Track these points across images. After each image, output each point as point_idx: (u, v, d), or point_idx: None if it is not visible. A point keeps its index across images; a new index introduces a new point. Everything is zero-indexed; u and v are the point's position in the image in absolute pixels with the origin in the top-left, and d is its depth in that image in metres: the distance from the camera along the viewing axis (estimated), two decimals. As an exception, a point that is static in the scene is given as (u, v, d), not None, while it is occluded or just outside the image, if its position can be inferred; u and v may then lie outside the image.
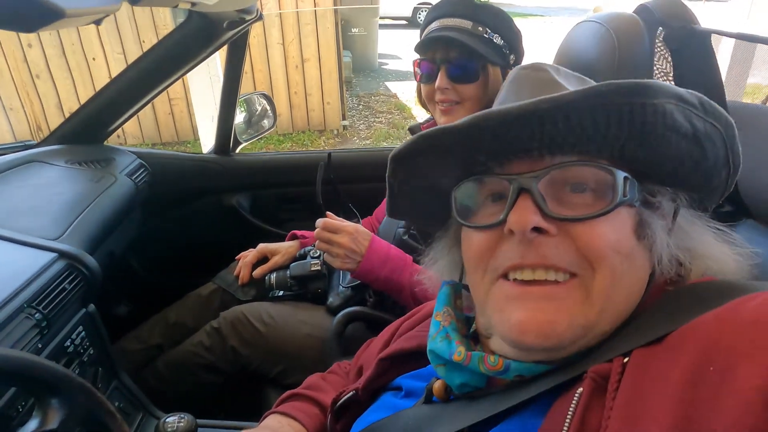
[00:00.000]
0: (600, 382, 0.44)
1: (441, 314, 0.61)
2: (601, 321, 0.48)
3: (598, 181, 0.49)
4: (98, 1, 0.68)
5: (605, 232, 0.48)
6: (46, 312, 0.88)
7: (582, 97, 0.45)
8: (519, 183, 0.49)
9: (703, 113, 0.47)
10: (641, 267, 0.50)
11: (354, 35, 8.62)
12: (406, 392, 0.66)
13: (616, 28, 1.13)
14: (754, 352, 0.36)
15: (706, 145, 0.49)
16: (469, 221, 0.55)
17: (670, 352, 0.42)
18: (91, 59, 5.29)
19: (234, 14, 1.29)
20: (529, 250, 0.49)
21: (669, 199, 0.52)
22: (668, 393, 0.38)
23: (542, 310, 0.48)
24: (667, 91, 0.45)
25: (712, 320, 0.41)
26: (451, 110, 1.23)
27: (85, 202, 1.25)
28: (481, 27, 1.18)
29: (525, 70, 0.59)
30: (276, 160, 1.90)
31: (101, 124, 1.57)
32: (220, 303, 1.51)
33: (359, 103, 7.37)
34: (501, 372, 0.51)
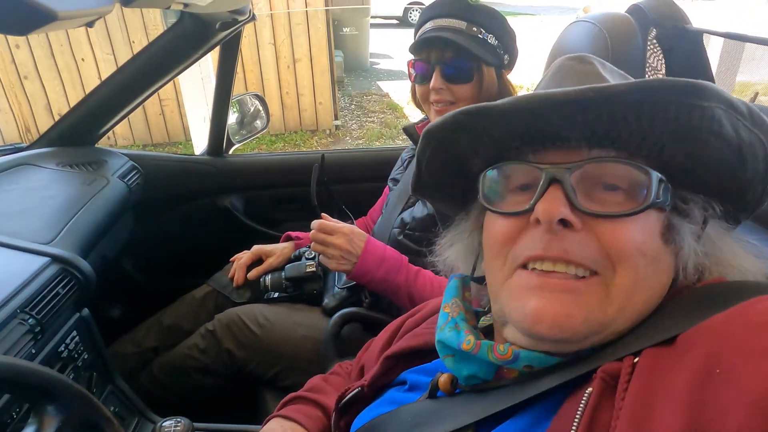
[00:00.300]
0: (610, 382, 0.43)
1: (449, 305, 0.61)
2: (618, 319, 0.48)
3: (632, 180, 0.48)
4: (91, 3, 0.67)
5: (631, 232, 0.47)
6: (39, 317, 0.87)
7: (632, 89, 0.44)
8: (551, 173, 0.48)
9: (750, 123, 0.45)
10: (665, 270, 0.50)
11: (345, 35, 8.61)
12: (410, 386, 0.65)
13: (609, 28, 1.14)
14: (760, 355, 0.36)
15: (748, 157, 0.47)
16: (495, 206, 0.54)
17: (680, 353, 0.41)
18: (80, 60, 5.24)
19: (226, 15, 1.28)
20: (552, 242, 0.48)
21: (701, 207, 0.51)
22: (676, 395, 0.38)
23: (560, 301, 0.47)
24: (719, 96, 0.44)
25: (720, 322, 0.41)
26: (446, 110, 1.23)
27: (78, 205, 1.23)
28: (475, 27, 1.18)
29: (571, 60, 0.58)
30: (269, 161, 1.90)
31: (92, 126, 1.55)
32: (214, 305, 1.51)
33: (351, 103, 7.36)
34: (510, 361, 0.51)
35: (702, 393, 0.37)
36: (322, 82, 5.86)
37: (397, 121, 6.47)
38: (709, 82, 0.43)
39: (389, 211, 1.42)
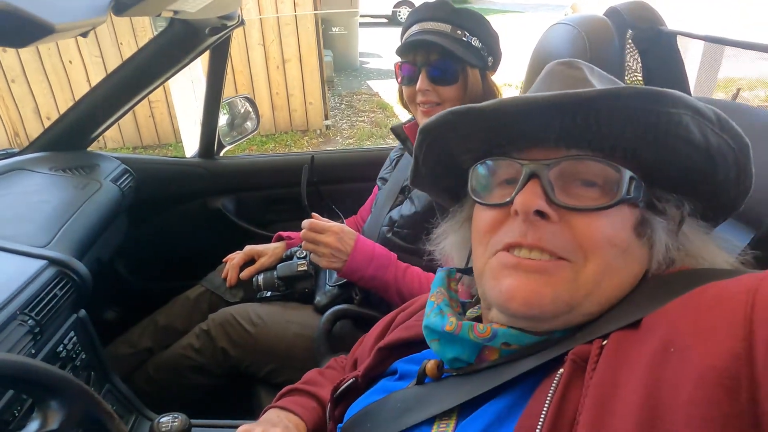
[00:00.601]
0: (580, 363, 0.47)
1: (435, 294, 0.65)
2: (586, 302, 0.51)
3: (606, 177, 0.52)
4: (85, 14, 0.70)
5: (603, 226, 0.51)
6: (38, 318, 0.89)
7: (601, 96, 0.47)
8: (531, 168, 0.52)
9: (719, 129, 0.48)
10: (636, 262, 0.53)
11: (334, 35, 8.62)
12: (400, 375, 0.69)
13: (587, 31, 1.17)
14: (708, 334, 0.39)
15: (718, 161, 0.50)
16: (481, 199, 0.58)
17: (643, 335, 0.45)
18: (68, 62, 5.21)
19: (216, 21, 1.30)
20: (529, 231, 0.52)
21: (674, 205, 0.54)
22: (637, 374, 0.41)
23: (531, 280, 0.51)
24: (685, 103, 0.47)
25: (677, 306, 0.44)
26: (432, 111, 1.27)
27: (71, 209, 1.25)
28: (459, 30, 1.22)
29: (561, 65, 0.61)
30: (260, 162, 1.92)
31: (84, 130, 1.57)
32: (208, 305, 1.53)
33: (341, 103, 7.38)
34: (489, 339, 0.54)
35: (659, 370, 0.40)
36: (312, 82, 5.87)
37: (387, 120, 6.50)
38: (675, 91, 0.47)
39: (378, 209, 1.45)
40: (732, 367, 0.36)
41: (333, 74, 8.08)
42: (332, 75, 7.97)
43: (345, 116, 6.82)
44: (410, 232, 1.30)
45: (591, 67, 0.61)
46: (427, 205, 1.25)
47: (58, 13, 0.63)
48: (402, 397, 0.62)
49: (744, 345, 0.36)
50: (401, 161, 1.50)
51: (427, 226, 1.25)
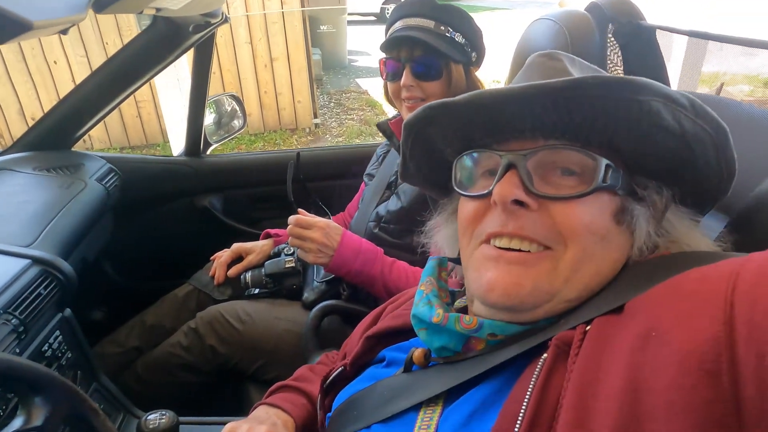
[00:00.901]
0: (563, 348, 0.47)
1: (425, 284, 0.66)
2: (565, 289, 0.52)
3: (583, 166, 0.52)
4: (64, 11, 0.70)
5: (580, 213, 0.51)
6: (22, 317, 0.89)
7: (568, 86, 0.47)
8: (508, 159, 0.53)
9: (693, 114, 0.48)
10: (616, 248, 0.54)
11: (323, 32, 8.60)
12: (387, 362, 0.69)
13: (569, 26, 1.19)
14: (689, 319, 0.39)
15: (695, 147, 0.51)
16: (465, 190, 0.59)
17: (626, 320, 0.45)
18: (53, 63, 5.15)
19: (199, 18, 1.30)
20: (509, 220, 0.53)
21: (654, 192, 0.54)
22: (620, 358, 0.42)
23: (511, 273, 0.52)
24: (654, 89, 0.47)
25: (659, 291, 0.45)
26: (417, 107, 1.25)
27: (56, 209, 1.25)
28: (443, 26, 1.23)
29: (541, 57, 0.62)
30: (247, 160, 1.92)
31: (68, 129, 1.56)
32: (196, 303, 1.53)
33: (330, 101, 7.36)
34: (475, 330, 0.55)
35: (640, 354, 0.41)
36: (301, 80, 5.85)
37: (377, 118, 6.43)
38: (642, 78, 0.46)
39: (365, 205, 1.46)
40: (712, 351, 0.36)
41: (322, 72, 8.06)
42: (321, 73, 7.95)
43: (334, 114, 6.81)
44: (397, 227, 1.31)
45: (572, 58, 0.62)
46: (413, 200, 1.26)
47: (37, 10, 0.63)
48: (389, 385, 0.63)
49: (725, 328, 0.36)
50: (387, 157, 1.51)
51: (414, 221, 1.26)
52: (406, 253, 1.29)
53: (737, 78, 7.47)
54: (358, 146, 1.99)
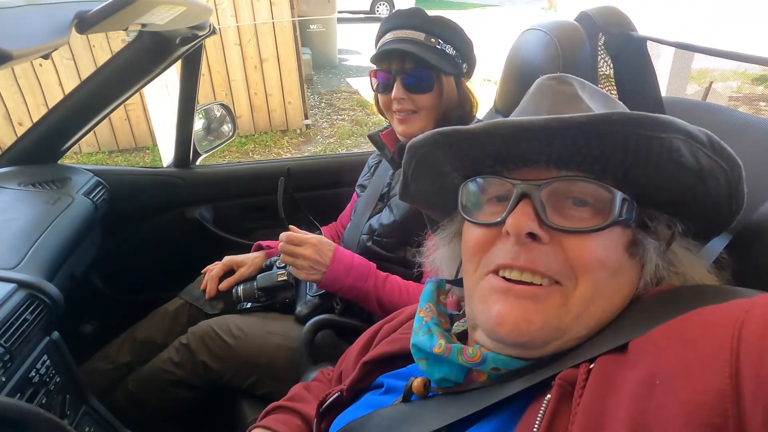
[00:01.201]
0: (567, 388, 0.46)
1: (424, 310, 0.65)
2: (576, 326, 0.51)
3: (598, 198, 0.51)
4: (45, 38, 0.68)
5: (595, 247, 0.50)
6: (8, 345, 0.87)
7: (592, 121, 0.47)
8: (522, 188, 0.52)
9: (711, 151, 0.48)
10: (627, 283, 0.53)
11: (312, 32, 8.56)
12: (386, 389, 0.68)
13: (559, 36, 1.18)
14: (694, 369, 0.39)
15: (710, 182, 0.50)
16: (472, 217, 0.58)
17: (629, 361, 0.45)
18: (38, 65, 5.08)
19: (186, 31, 1.28)
20: (521, 252, 0.51)
21: (665, 225, 0.54)
22: (624, 403, 0.41)
23: (521, 307, 0.51)
24: (676, 127, 0.46)
25: (663, 333, 0.44)
26: (408, 119, 1.27)
27: (42, 227, 1.22)
28: (433, 38, 1.22)
29: (550, 81, 0.60)
30: (237, 170, 1.90)
31: (54, 143, 1.53)
32: (188, 318, 1.51)
33: (321, 101, 7.33)
34: (478, 363, 0.54)
35: (645, 403, 0.40)
36: (291, 81, 5.82)
37: (368, 119, 6.48)
38: (667, 116, 0.46)
39: (357, 217, 1.45)
40: (719, 405, 0.36)
41: (312, 72, 8.03)
42: (311, 73, 7.91)
43: (325, 115, 6.78)
44: (390, 241, 1.30)
45: (582, 82, 0.61)
46: (406, 214, 1.25)
47: (17, 39, 0.61)
48: (387, 415, 0.62)
49: (730, 382, 0.36)
50: (379, 168, 1.50)
51: (407, 235, 1.26)
52: (400, 266, 1.29)
53: (726, 74, 7.53)
54: (348, 155, 1.98)
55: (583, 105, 0.57)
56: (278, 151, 5.61)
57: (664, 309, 0.48)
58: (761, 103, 6.45)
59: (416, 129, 1.27)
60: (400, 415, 0.60)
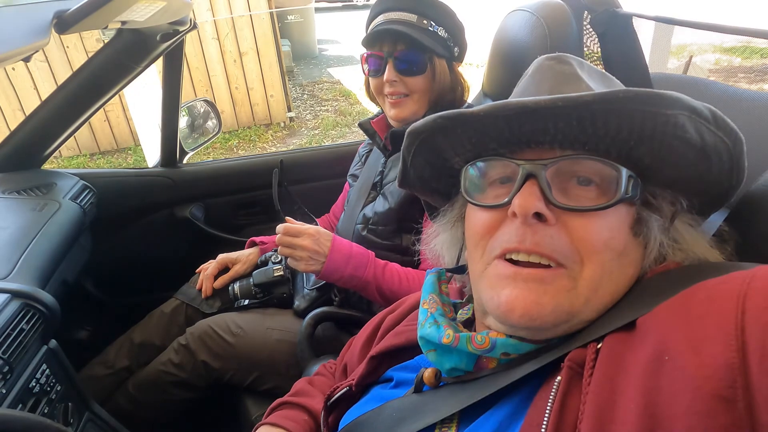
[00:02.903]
0: (577, 369, 0.47)
1: (427, 302, 0.64)
2: (585, 310, 0.51)
3: (603, 176, 0.51)
4: (25, 40, 0.66)
5: (600, 229, 0.50)
6: (6, 356, 0.85)
7: (598, 99, 0.46)
8: (527, 169, 0.51)
9: (714, 127, 0.48)
10: (632, 262, 0.53)
11: (290, 23, 8.45)
12: (396, 383, 0.68)
13: (546, 16, 1.18)
14: (702, 344, 0.39)
15: (713, 157, 0.51)
16: (475, 199, 0.57)
17: (636, 339, 0.45)
18: (11, 69, 4.95)
19: (167, 27, 1.25)
20: (527, 234, 0.51)
21: (669, 201, 0.54)
22: (634, 381, 0.42)
23: (530, 290, 0.50)
24: (681, 103, 0.46)
25: (668, 309, 0.45)
26: (401, 102, 1.25)
27: (31, 234, 1.20)
28: (425, 20, 1.20)
29: (549, 61, 0.60)
30: (225, 167, 1.87)
31: (37, 148, 1.50)
32: (185, 318, 1.50)
33: (303, 93, 7.26)
34: (488, 350, 0.54)
35: (655, 379, 0.40)
36: (272, 74, 5.75)
37: (351, 108, 6.44)
38: (672, 92, 0.46)
39: (351, 207, 1.44)
40: (727, 377, 0.36)
41: (292, 64, 7.94)
42: (291, 65, 7.83)
43: (308, 106, 6.72)
44: (385, 229, 1.30)
45: (580, 61, 0.60)
46: (400, 201, 1.25)
47: (-4, 42, 0.59)
48: (398, 406, 0.62)
49: (738, 355, 0.37)
50: (370, 156, 1.49)
51: (403, 221, 1.26)
52: (397, 254, 1.28)
53: (704, 47, 7.60)
54: (337, 146, 1.96)
55: (583, 84, 0.56)
56: (263, 145, 5.56)
57: (668, 287, 0.48)
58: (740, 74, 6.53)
59: (409, 113, 1.26)
60: (412, 405, 0.60)
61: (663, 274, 0.52)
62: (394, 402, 0.63)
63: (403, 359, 0.70)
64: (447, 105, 1.28)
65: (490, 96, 1.50)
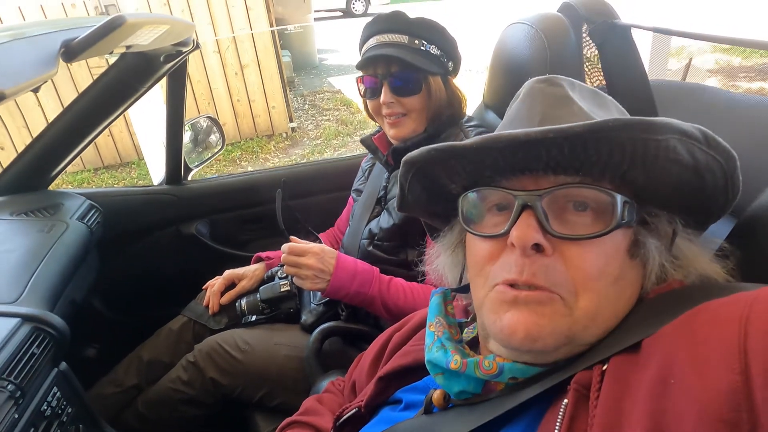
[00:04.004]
0: (583, 392, 0.47)
1: (434, 325, 0.65)
2: (585, 335, 0.52)
3: (599, 202, 0.52)
4: (34, 72, 0.67)
5: (597, 255, 0.51)
6: (18, 381, 0.86)
7: (589, 129, 0.47)
8: (523, 199, 0.52)
9: (705, 146, 0.49)
10: (630, 284, 0.54)
11: (290, 33, 8.52)
12: (405, 405, 0.68)
13: (545, 29, 1.19)
14: (706, 367, 0.40)
15: (706, 176, 0.51)
16: (474, 228, 0.58)
17: (641, 360, 0.45)
18: (16, 88, 4.99)
19: (170, 48, 1.27)
20: (525, 266, 0.51)
21: (665, 221, 0.55)
22: (640, 404, 0.42)
23: (531, 312, 0.51)
24: (671, 128, 0.47)
25: (672, 331, 0.45)
26: (399, 122, 1.27)
27: (39, 256, 1.21)
28: (417, 40, 1.22)
29: (540, 84, 0.61)
30: (230, 183, 1.89)
31: (44, 169, 1.52)
32: (193, 335, 1.51)
33: (305, 103, 7.30)
34: (495, 375, 0.54)
35: (661, 402, 0.41)
36: (273, 85, 5.79)
37: (353, 117, 6.47)
38: (662, 118, 0.47)
39: (356, 222, 1.45)
40: (731, 401, 0.37)
41: (293, 74, 7.99)
42: (292, 75, 7.88)
43: (310, 116, 6.76)
44: (390, 244, 1.30)
45: (571, 82, 0.61)
46: (405, 217, 1.25)
47: (7, 77, 0.60)
48: (408, 428, 0.62)
49: (741, 378, 0.37)
50: (374, 171, 1.50)
51: (407, 237, 1.26)
52: (402, 269, 1.29)
53: (704, 47, 7.61)
54: (340, 159, 1.97)
55: (575, 106, 0.57)
56: (266, 156, 5.59)
57: (672, 307, 0.48)
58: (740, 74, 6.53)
59: (407, 131, 1.28)
60: (421, 427, 0.61)
61: (666, 294, 0.53)
62: (404, 423, 0.63)
63: (410, 379, 0.71)
64: (446, 120, 1.29)
65: (491, 107, 1.51)
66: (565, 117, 0.55)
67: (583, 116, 0.55)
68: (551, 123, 0.52)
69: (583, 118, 0.55)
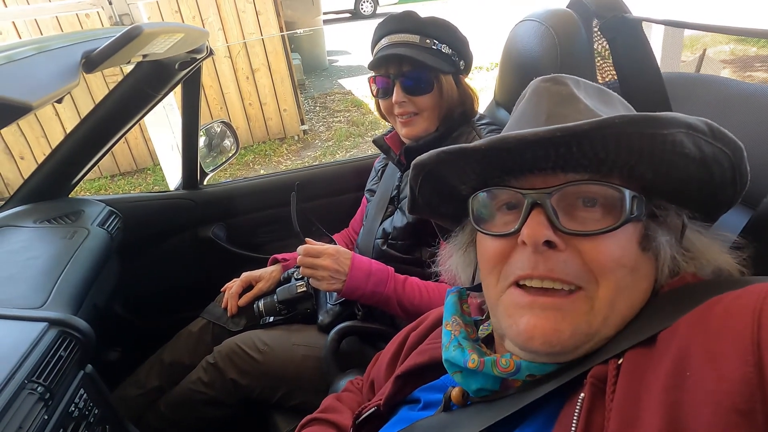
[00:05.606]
0: (599, 385, 0.48)
1: (450, 324, 0.66)
2: (604, 328, 0.52)
3: (607, 197, 0.52)
4: (58, 84, 0.69)
5: (611, 248, 0.51)
6: (47, 384, 0.89)
7: (596, 127, 0.48)
8: (533, 198, 0.53)
9: (711, 138, 0.49)
10: (645, 277, 0.54)
11: (300, 36, 8.58)
12: (424, 404, 0.69)
13: (555, 25, 1.19)
14: (720, 359, 0.40)
15: (714, 168, 0.52)
16: (485, 228, 0.59)
17: (656, 353, 0.46)
18: (34, 98, 5.10)
19: (185, 55, 1.29)
20: (539, 262, 0.52)
21: (674, 214, 0.55)
22: (656, 397, 0.43)
23: (548, 319, 0.52)
24: (677, 122, 0.48)
25: (686, 324, 0.46)
26: (411, 121, 1.28)
27: (63, 262, 1.24)
28: (428, 40, 1.23)
29: (545, 83, 0.61)
30: (245, 186, 1.92)
31: (64, 177, 1.55)
32: (212, 337, 1.53)
33: (316, 105, 7.34)
34: (513, 373, 0.55)
35: (677, 394, 0.41)
36: (284, 88, 5.84)
37: (364, 118, 6.49)
38: (668, 113, 0.47)
39: (370, 222, 1.46)
40: (745, 392, 0.37)
41: (303, 77, 8.04)
42: (303, 78, 7.92)
43: (321, 118, 6.79)
44: (405, 243, 1.31)
45: (576, 80, 0.62)
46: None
47: (33, 90, 0.63)
48: (427, 425, 0.63)
49: (755, 370, 0.38)
50: (387, 171, 1.51)
51: (421, 235, 1.27)
52: (417, 267, 1.30)
53: (718, 37, 7.49)
54: (352, 160, 1.99)
55: (581, 104, 0.57)
56: (278, 159, 5.63)
57: (686, 300, 0.49)
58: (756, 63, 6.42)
59: (420, 130, 1.29)
60: (441, 424, 0.62)
61: (680, 288, 0.53)
62: (424, 421, 0.64)
63: (428, 378, 0.72)
64: (458, 118, 1.30)
65: (502, 105, 1.51)
66: (571, 115, 0.56)
67: (589, 114, 0.56)
68: (558, 122, 0.52)
69: (589, 115, 0.55)
